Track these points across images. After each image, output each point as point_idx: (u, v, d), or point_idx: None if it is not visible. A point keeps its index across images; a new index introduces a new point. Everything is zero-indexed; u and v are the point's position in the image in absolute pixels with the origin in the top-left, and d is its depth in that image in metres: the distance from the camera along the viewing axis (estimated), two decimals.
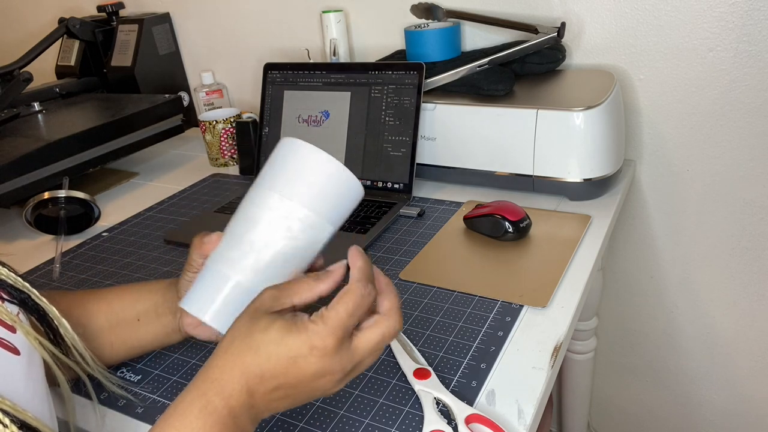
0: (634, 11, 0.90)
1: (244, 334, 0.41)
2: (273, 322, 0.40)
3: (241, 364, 0.40)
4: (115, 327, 0.57)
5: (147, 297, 0.57)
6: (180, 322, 0.55)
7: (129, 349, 0.58)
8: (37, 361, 0.46)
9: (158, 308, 0.56)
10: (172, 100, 1.18)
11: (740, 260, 0.98)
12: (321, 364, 0.40)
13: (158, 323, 0.57)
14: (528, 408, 0.51)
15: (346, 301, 0.41)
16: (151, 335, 0.57)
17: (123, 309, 0.57)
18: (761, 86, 0.86)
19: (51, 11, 1.57)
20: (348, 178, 0.46)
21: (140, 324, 0.57)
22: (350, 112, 0.94)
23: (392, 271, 0.73)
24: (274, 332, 0.40)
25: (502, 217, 0.75)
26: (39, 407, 0.44)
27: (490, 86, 0.86)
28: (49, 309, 0.49)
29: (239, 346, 0.40)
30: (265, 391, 0.40)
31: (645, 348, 1.16)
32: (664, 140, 0.96)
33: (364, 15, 1.14)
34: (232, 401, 0.40)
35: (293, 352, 0.39)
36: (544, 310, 0.63)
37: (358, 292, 0.41)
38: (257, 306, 0.42)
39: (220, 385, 0.40)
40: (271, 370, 0.40)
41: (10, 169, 0.91)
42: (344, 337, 0.40)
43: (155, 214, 0.98)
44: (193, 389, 0.40)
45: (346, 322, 0.40)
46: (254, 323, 0.41)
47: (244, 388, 0.40)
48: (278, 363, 0.40)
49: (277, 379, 0.40)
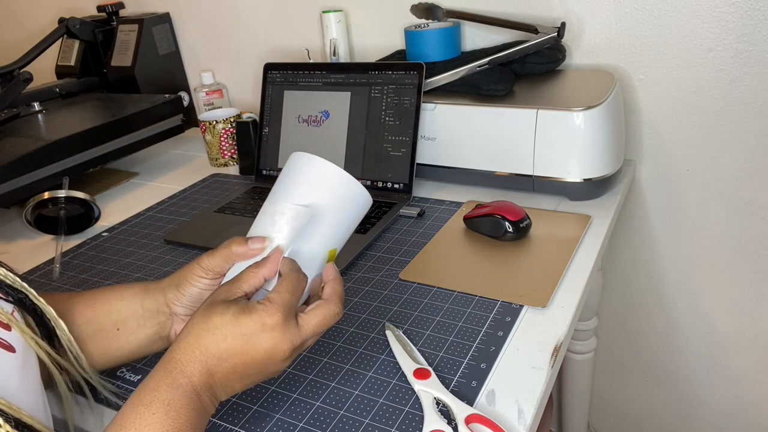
0: (634, 11, 0.90)
1: (202, 319, 0.45)
2: (228, 306, 0.45)
3: (200, 345, 0.44)
4: (92, 337, 0.54)
5: (121, 305, 0.54)
6: (172, 330, 0.53)
7: (109, 360, 0.55)
8: (33, 359, 0.46)
9: (138, 318, 0.53)
10: (172, 100, 1.18)
11: (740, 260, 0.98)
12: (272, 340, 0.44)
13: (140, 333, 0.54)
14: (528, 408, 0.51)
15: (285, 284, 0.46)
16: (133, 344, 0.54)
17: (97, 319, 0.54)
18: (761, 86, 0.86)
19: (51, 11, 1.57)
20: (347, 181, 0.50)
21: (120, 333, 0.54)
22: (350, 112, 0.94)
23: (392, 271, 0.73)
24: (229, 315, 0.44)
25: (502, 217, 0.75)
26: (33, 404, 0.44)
27: (490, 86, 0.86)
28: (47, 309, 0.49)
29: (198, 329, 0.44)
30: (224, 371, 0.44)
31: (645, 348, 1.16)
32: (664, 140, 0.96)
33: (364, 15, 1.14)
34: (194, 379, 0.43)
35: (247, 329, 0.44)
36: (544, 310, 0.63)
37: (292, 276, 0.47)
38: (213, 297, 0.47)
39: (182, 365, 0.43)
40: (227, 349, 0.44)
41: (10, 169, 0.91)
42: (289, 314, 0.45)
43: (155, 214, 0.98)
44: (160, 369, 0.43)
45: (289, 301, 0.45)
46: (212, 309, 0.45)
47: (204, 368, 0.43)
48: (234, 342, 0.44)
49: (233, 358, 0.44)
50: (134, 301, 0.54)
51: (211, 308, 0.45)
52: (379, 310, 0.65)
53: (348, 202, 0.50)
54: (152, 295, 0.53)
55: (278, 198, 0.50)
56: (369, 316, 0.65)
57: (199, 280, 0.51)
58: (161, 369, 0.43)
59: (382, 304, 0.67)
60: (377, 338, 0.61)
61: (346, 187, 0.49)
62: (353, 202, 0.50)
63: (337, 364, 0.58)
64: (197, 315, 0.46)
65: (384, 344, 0.60)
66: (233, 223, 0.89)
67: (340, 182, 0.49)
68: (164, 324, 0.53)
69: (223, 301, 0.45)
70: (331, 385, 0.55)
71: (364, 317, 0.65)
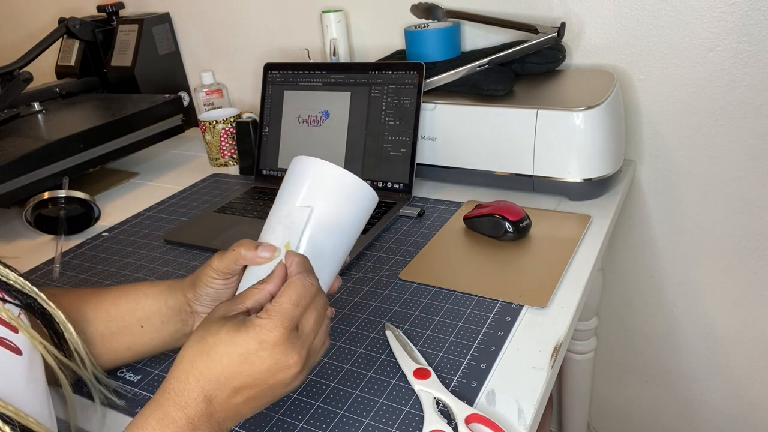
0: (634, 11, 0.90)
1: (196, 341, 0.41)
2: (223, 324, 0.41)
3: (194, 371, 0.40)
4: (117, 334, 0.55)
5: (146, 303, 0.55)
6: (194, 327, 0.54)
7: (134, 355, 0.56)
8: (38, 362, 0.46)
9: (162, 315, 0.54)
10: (172, 100, 1.18)
11: (740, 260, 0.98)
12: (273, 358, 0.40)
13: (164, 330, 0.55)
14: (528, 408, 0.51)
15: (288, 293, 0.41)
16: (158, 340, 0.55)
17: (122, 316, 0.55)
18: (761, 86, 0.86)
19: (51, 11, 1.57)
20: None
21: (144, 331, 0.55)
22: (350, 112, 0.94)
23: (392, 271, 0.73)
24: (224, 333, 0.40)
25: (502, 217, 0.75)
26: (39, 407, 0.44)
27: (490, 86, 0.86)
28: (56, 314, 0.49)
29: (192, 353, 0.41)
30: (225, 396, 0.40)
31: (645, 348, 1.16)
32: (664, 140, 0.96)
33: (364, 15, 1.14)
34: (190, 411, 0.39)
35: (243, 348, 0.40)
36: (544, 310, 0.63)
37: (299, 283, 0.42)
38: (210, 315, 0.43)
39: (176, 395, 0.40)
40: (224, 372, 0.40)
41: (10, 169, 0.91)
42: (291, 327, 0.41)
43: (155, 214, 0.98)
44: (153, 402, 0.40)
45: (292, 312, 0.41)
46: (206, 329, 0.42)
47: (200, 395, 0.40)
48: (231, 363, 0.40)
49: (232, 380, 0.40)
50: (159, 299, 0.55)
51: (206, 327, 0.42)
52: (379, 310, 0.65)
53: (357, 203, 0.49)
54: (175, 294, 0.54)
55: (285, 203, 0.49)
56: (369, 316, 0.65)
57: (211, 281, 0.51)
58: (153, 402, 0.40)
59: (382, 304, 0.67)
60: (377, 338, 0.61)
61: (355, 188, 0.49)
62: (362, 202, 0.50)
63: (337, 364, 0.58)
64: (192, 336, 0.42)
65: (384, 344, 0.60)
66: (233, 223, 0.89)
67: (346, 183, 0.49)
68: (187, 321, 0.54)
69: (219, 318, 0.42)
70: (331, 385, 0.55)
71: (364, 317, 0.65)
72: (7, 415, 0.37)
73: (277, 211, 0.49)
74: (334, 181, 0.48)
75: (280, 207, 0.49)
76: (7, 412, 0.37)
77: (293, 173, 0.50)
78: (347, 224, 0.49)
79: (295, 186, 0.49)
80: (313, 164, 0.49)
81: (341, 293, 0.69)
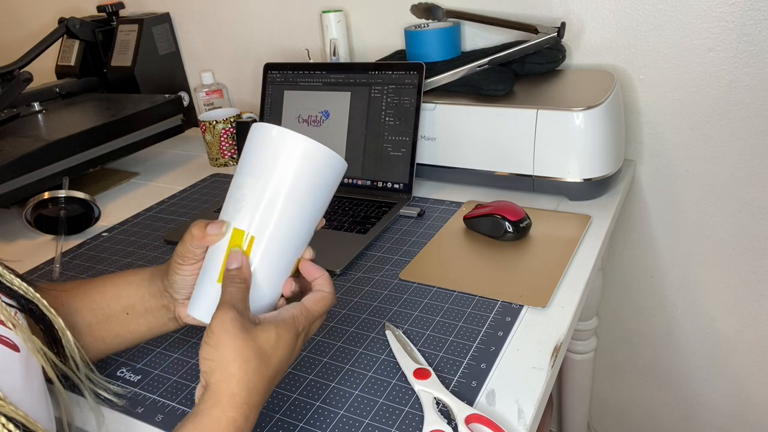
0: (634, 11, 0.90)
1: (253, 357, 0.43)
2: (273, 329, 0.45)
3: (264, 385, 0.44)
4: (104, 322, 0.56)
5: (129, 290, 0.56)
6: (176, 313, 0.54)
7: (123, 342, 0.57)
8: (36, 359, 0.46)
9: (145, 303, 0.55)
10: (172, 100, 1.18)
11: (740, 260, 0.98)
12: (292, 345, 0.46)
13: (149, 316, 0.55)
14: (528, 408, 0.51)
15: (322, 305, 0.49)
16: (144, 327, 0.56)
17: (107, 304, 0.56)
18: (761, 86, 0.86)
19: (51, 11, 1.57)
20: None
21: (130, 318, 0.56)
22: (350, 112, 0.94)
23: (392, 271, 0.73)
24: (279, 341, 0.45)
25: (502, 217, 0.75)
26: (37, 404, 0.44)
27: (490, 86, 0.86)
28: (56, 321, 0.49)
29: (258, 366, 0.43)
30: (252, 386, 0.43)
31: (645, 348, 1.16)
32: (664, 140, 0.96)
33: (364, 15, 1.14)
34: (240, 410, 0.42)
35: (290, 347, 0.45)
36: (544, 310, 0.63)
37: (331, 301, 0.50)
38: (241, 318, 0.44)
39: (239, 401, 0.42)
40: (275, 368, 0.44)
41: (10, 169, 0.91)
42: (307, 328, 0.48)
43: (155, 214, 0.98)
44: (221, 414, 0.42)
45: (313, 321, 0.48)
46: (253, 336, 0.44)
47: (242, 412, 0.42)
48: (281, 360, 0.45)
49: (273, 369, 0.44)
50: (141, 286, 0.55)
51: (253, 336, 0.43)
52: (379, 310, 0.65)
53: (320, 171, 0.47)
54: (155, 282, 0.55)
55: (240, 175, 0.48)
56: (369, 316, 0.65)
57: (179, 267, 0.51)
58: (223, 414, 0.41)
59: (382, 304, 0.67)
60: (377, 338, 0.61)
61: (315, 155, 0.47)
62: (325, 170, 0.48)
63: (337, 364, 0.58)
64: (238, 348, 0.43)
65: (384, 344, 0.60)
66: None
67: (306, 150, 0.46)
68: (168, 307, 0.55)
69: (251, 322, 0.44)
70: (331, 385, 0.55)
71: (364, 317, 0.65)
72: (5, 413, 0.37)
73: (233, 185, 0.49)
74: (293, 149, 0.46)
75: (235, 180, 0.49)
76: (5, 410, 0.37)
77: (250, 144, 0.48)
78: (301, 192, 0.47)
79: (242, 156, 0.48)
80: (254, 129, 0.47)
81: (341, 293, 0.69)
